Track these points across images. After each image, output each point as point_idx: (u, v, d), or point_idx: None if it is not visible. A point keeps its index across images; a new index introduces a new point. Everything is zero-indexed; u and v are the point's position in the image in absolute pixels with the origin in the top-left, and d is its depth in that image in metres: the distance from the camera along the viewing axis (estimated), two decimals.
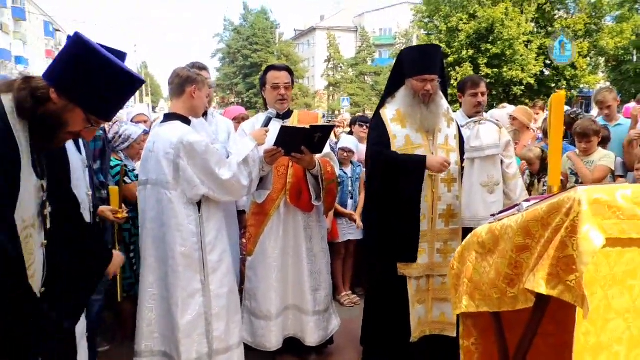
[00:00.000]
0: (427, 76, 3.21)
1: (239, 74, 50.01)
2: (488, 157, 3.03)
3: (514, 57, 20.76)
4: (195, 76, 3.04)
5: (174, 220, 2.92)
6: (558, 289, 1.56)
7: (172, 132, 2.92)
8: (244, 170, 3.05)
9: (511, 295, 1.91)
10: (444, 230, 3.28)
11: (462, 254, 2.21)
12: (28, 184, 1.66)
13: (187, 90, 3.01)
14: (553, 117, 2.51)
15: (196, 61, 3.85)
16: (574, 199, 1.56)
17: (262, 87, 3.66)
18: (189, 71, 3.08)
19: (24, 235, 1.65)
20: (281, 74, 3.55)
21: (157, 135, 3.02)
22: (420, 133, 3.27)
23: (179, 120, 3.01)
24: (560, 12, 22.39)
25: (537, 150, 4.49)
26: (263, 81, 3.62)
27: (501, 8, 20.48)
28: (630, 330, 1.68)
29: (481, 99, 3.85)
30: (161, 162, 2.92)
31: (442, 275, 3.30)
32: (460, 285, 2.18)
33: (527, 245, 1.80)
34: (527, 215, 1.80)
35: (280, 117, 3.60)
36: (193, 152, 2.87)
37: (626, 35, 19.87)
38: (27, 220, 1.66)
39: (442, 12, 22.39)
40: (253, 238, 3.58)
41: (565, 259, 1.54)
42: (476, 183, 3.05)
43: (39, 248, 1.74)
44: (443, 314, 3.34)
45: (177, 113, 3.05)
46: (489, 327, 2.17)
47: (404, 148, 3.25)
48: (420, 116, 3.24)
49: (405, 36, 36.61)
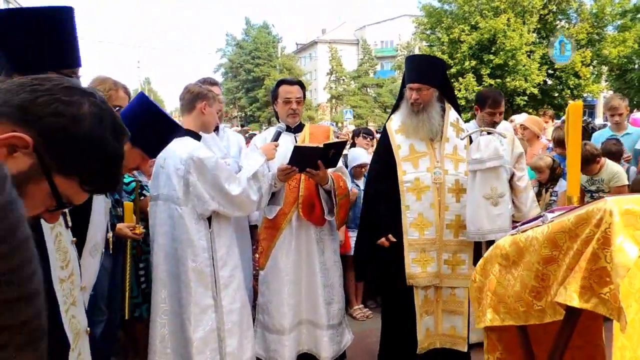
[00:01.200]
0: (412, 85, 3.28)
1: (241, 88, 50.27)
2: (490, 169, 2.99)
3: (516, 67, 20.79)
4: (205, 92, 3.05)
5: (185, 235, 2.91)
6: (592, 302, 1.53)
7: (183, 148, 2.93)
8: (254, 185, 3.05)
9: (538, 309, 1.87)
10: (452, 240, 3.25)
11: (484, 266, 2.18)
12: None
13: (198, 106, 3.02)
14: (570, 126, 2.49)
15: (208, 77, 3.87)
16: (605, 210, 1.53)
17: (273, 101, 3.66)
18: (200, 87, 3.09)
19: (54, 234, 1.62)
20: (293, 88, 3.55)
21: (168, 151, 3.01)
22: (424, 142, 3.30)
23: (190, 136, 3.02)
24: (562, 22, 22.46)
25: (549, 159, 4.47)
26: (274, 95, 3.61)
27: (503, 19, 20.56)
28: None
29: (498, 118, 3.84)
30: (172, 177, 2.93)
31: (451, 287, 3.28)
32: (484, 299, 2.15)
33: (554, 257, 1.77)
34: (553, 226, 1.77)
35: (292, 131, 3.60)
36: (203, 167, 2.88)
37: (629, 44, 19.86)
38: None
39: (443, 23, 22.49)
40: (265, 252, 3.56)
41: (598, 271, 1.51)
42: (479, 196, 3.01)
43: (71, 245, 1.72)
44: (454, 327, 3.31)
45: (187, 129, 3.06)
46: (514, 341, 2.13)
47: (409, 157, 3.31)
48: (412, 125, 3.31)
49: (407, 48, 36.77)
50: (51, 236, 1.60)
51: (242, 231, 3.75)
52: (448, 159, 3.28)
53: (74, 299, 1.70)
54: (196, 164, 2.87)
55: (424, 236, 3.22)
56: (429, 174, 3.24)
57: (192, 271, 2.92)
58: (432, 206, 3.22)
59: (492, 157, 3.00)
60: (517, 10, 21.23)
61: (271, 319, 3.52)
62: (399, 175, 3.26)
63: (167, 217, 2.98)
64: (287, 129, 3.57)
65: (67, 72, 1.67)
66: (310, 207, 3.46)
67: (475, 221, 3.05)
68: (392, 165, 3.31)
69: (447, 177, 3.24)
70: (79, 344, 1.71)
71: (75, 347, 1.69)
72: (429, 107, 3.28)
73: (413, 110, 3.29)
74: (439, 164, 3.26)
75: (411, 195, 3.23)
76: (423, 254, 3.23)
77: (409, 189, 3.24)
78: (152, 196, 3.11)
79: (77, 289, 1.73)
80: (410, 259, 3.21)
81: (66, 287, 1.66)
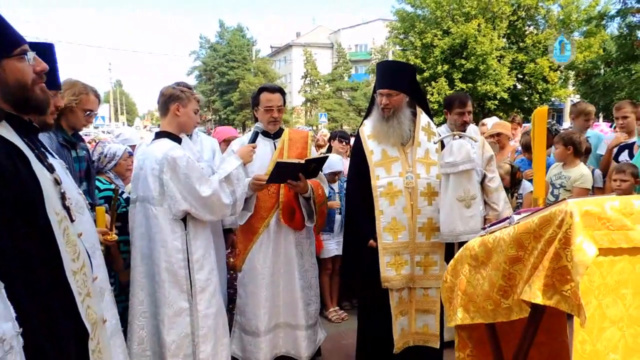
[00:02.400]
0: (382, 90, 3.35)
1: (215, 91, 49.96)
2: (462, 172, 3.08)
3: (487, 71, 21.24)
4: (178, 93, 3.07)
5: (159, 235, 2.94)
6: (554, 299, 1.61)
7: (159, 149, 2.97)
8: (226, 188, 3.07)
9: (505, 306, 1.94)
10: (424, 243, 3.32)
11: (455, 267, 2.25)
12: (44, 178, 1.64)
13: (171, 108, 3.06)
14: (536, 131, 2.59)
15: (181, 82, 3.86)
16: (566, 211, 1.61)
17: (254, 107, 3.69)
18: (173, 88, 3.11)
19: (62, 228, 1.64)
20: (274, 96, 3.58)
21: (146, 153, 3.04)
22: (396, 147, 3.36)
23: (168, 138, 3.05)
24: (531, 28, 23.03)
25: (507, 166, 4.63)
26: (255, 101, 3.64)
27: (474, 24, 20.98)
28: (625, 339, 1.73)
29: (467, 117, 4.03)
30: (148, 178, 2.96)
31: (424, 288, 3.35)
32: (454, 298, 2.22)
33: (519, 257, 1.85)
34: (519, 227, 1.85)
35: (271, 137, 3.65)
36: (175, 166, 2.91)
37: (594, 50, 20.53)
38: (59, 213, 1.65)
39: (416, 28, 22.81)
40: (241, 254, 3.60)
41: (560, 269, 1.59)
42: (452, 198, 3.10)
43: (78, 238, 1.74)
44: (426, 325, 3.38)
45: (165, 131, 3.09)
46: (484, 339, 2.20)
47: (381, 162, 3.35)
48: (382, 130, 3.36)
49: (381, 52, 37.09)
50: (60, 231, 1.63)
51: (217, 234, 3.77)
52: (420, 163, 3.34)
53: (89, 290, 1.75)
54: (169, 163, 2.90)
55: (397, 240, 3.28)
56: (401, 179, 3.30)
57: (165, 271, 2.94)
58: (404, 210, 3.28)
59: (465, 161, 3.08)
60: (488, 16, 21.70)
61: (247, 320, 3.57)
62: (372, 180, 3.31)
63: (143, 217, 3.00)
64: (266, 135, 3.61)
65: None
66: (290, 213, 3.51)
67: (449, 223, 3.12)
68: (366, 171, 3.36)
69: (419, 181, 3.30)
70: (97, 333, 1.76)
71: (94, 336, 1.74)
72: (399, 112, 3.34)
73: (383, 115, 3.34)
74: (410, 169, 3.32)
75: (384, 200, 3.28)
76: (397, 257, 3.28)
77: (382, 194, 3.29)
78: (132, 199, 3.13)
79: (90, 279, 1.77)
80: (385, 263, 3.27)
81: (79, 279, 1.69)
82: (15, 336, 1.38)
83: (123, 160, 3.62)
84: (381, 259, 3.27)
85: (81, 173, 3.21)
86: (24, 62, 1.65)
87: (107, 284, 2.24)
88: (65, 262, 1.63)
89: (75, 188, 2.08)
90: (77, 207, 2.04)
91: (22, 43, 1.67)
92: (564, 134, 4.43)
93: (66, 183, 1.98)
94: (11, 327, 1.38)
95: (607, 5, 20.34)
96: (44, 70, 1.74)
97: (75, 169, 3.07)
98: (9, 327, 1.37)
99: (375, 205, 3.29)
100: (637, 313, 1.78)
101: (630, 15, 18.24)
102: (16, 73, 1.63)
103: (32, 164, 1.61)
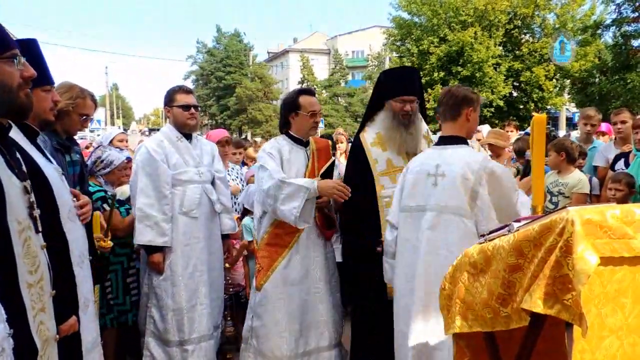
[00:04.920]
0: (406, 97, 3.25)
1: (212, 95, 49.88)
2: None
3: (483, 79, 21.38)
4: (472, 96, 2.82)
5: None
6: (555, 308, 1.59)
7: (469, 157, 2.70)
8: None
9: (504, 315, 1.92)
10: None
11: (453, 274, 2.22)
12: (10, 185, 1.59)
13: (464, 112, 2.78)
14: (535, 138, 2.57)
15: (182, 85, 3.84)
16: (567, 219, 1.59)
17: (290, 112, 3.40)
18: (466, 90, 2.87)
19: (23, 239, 1.59)
20: (315, 100, 3.41)
21: (444, 157, 2.74)
22: (401, 156, 3.30)
23: (463, 144, 2.80)
24: (527, 37, 23.19)
25: (513, 170, 4.62)
26: (294, 105, 3.38)
27: (470, 32, 21.13)
28: (624, 348, 1.71)
29: None
30: (454, 186, 2.64)
31: None
32: (453, 306, 2.19)
33: (519, 265, 1.83)
34: (518, 235, 1.83)
35: (303, 145, 3.47)
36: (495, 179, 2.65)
37: (589, 59, 20.70)
38: (22, 223, 1.60)
39: (413, 35, 22.96)
40: (265, 270, 3.32)
41: (561, 278, 1.57)
42: None
43: (41, 250, 1.68)
44: None
45: (458, 136, 2.80)
46: (482, 348, 2.17)
47: (386, 172, 3.28)
48: (400, 138, 3.27)
49: (378, 58, 37.25)
50: (19, 240, 1.58)
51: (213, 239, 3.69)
52: None
53: (44, 305, 1.67)
54: (489, 175, 2.68)
55: None
56: None
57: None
58: None
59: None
60: (484, 24, 21.85)
61: (268, 347, 3.31)
62: (377, 190, 3.24)
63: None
64: (299, 142, 3.43)
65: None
66: (323, 222, 3.38)
67: None
68: (368, 179, 3.28)
69: None
70: (47, 351, 1.67)
71: (44, 354, 1.65)
72: (415, 119, 3.29)
73: (403, 122, 3.24)
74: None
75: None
76: None
77: (387, 204, 3.19)
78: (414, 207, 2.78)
79: (47, 294, 1.69)
80: None
81: (35, 292, 1.62)
82: (7, 338, 1.35)
83: (118, 170, 3.59)
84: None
85: (75, 177, 3.18)
86: (13, 66, 1.63)
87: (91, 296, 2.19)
88: (21, 273, 1.57)
89: (70, 195, 2.05)
90: (69, 215, 2.01)
91: (12, 47, 1.64)
92: (555, 141, 4.44)
93: (59, 190, 1.95)
94: (2, 328, 1.34)
95: (602, 15, 20.55)
96: (32, 76, 1.71)
97: (69, 173, 3.05)
98: (1, 328, 1.34)
99: (381, 215, 3.22)
100: (636, 322, 1.77)
101: (626, 24, 18.40)
102: (3, 75, 1.61)
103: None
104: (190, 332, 3.48)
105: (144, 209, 3.36)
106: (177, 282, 3.46)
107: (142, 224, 3.35)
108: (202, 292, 3.53)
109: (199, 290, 3.52)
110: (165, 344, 3.46)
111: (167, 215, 3.41)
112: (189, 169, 3.54)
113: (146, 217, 3.35)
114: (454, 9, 21.76)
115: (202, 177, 3.58)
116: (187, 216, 3.49)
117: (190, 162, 3.56)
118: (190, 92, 3.67)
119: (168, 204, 3.42)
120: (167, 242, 3.40)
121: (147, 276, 3.54)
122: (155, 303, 3.48)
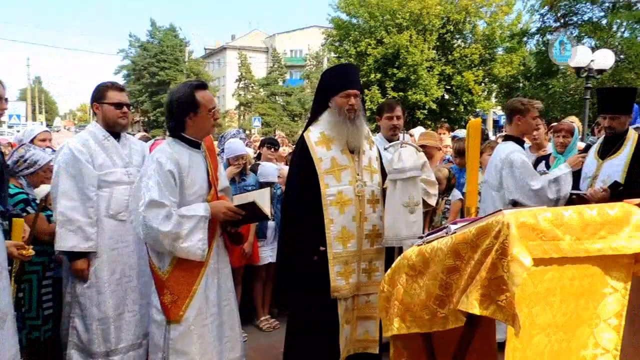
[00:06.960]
0: (351, 91, 3.28)
1: (144, 91, 48.11)
2: (409, 179, 3.17)
3: (417, 81, 21.99)
4: (520, 106, 3.78)
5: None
6: (490, 309, 1.63)
7: (504, 150, 3.75)
8: (553, 187, 3.63)
9: (442, 316, 1.96)
10: (370, 250, 3.32)
11: (392, 276, 2.25)
12: None
13: (514, 118, 3.83)
14: (471, 141, 2.66)
15: (114, 81, 3.63)
16: (503, 223, 1.64)
17: (187, 112, 2.94)
18: (514, 101, 3.96)
19: None
20: (211, 94, 3.11)
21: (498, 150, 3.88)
22: (345, 154, 3.32)
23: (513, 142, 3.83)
24: (459, 42, 24.11)
25: (445, 171, 4.77)
26: (192, 104, 2.94)
27: (406, 35, 21.66)
28: (551, 344, 1.79)
29: (396, 122, 4.14)
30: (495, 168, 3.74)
31: (366, 294, 3.34)
32: (391, 308, 2.21)
33: (456, 266, 1.87)
34: (456, 237, 1.87)
35: (199, 147, 3.14)
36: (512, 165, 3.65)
37: (515, 65, 21.89)
38: None
39: (351, 36, 23.24)
40: (182, 299, 2.91)
41: (496, 280, 1.61)
42: (398, 203, 3.16)
43: None
44: (367, 331, 3.36)
45: (512, 135, 3.88)
46: (419, 348, 2.21)
47: (330, 170, 3.27)
48: (347, 133, 3.28)
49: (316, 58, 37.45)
50: None
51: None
52: (366, 171, 3.32)
53: None
54: (507, 163, 3.75)
55: (347, 249, 3.22)
56: (351, 187, 3.24)
57: None
58: (354, 219, 3.23)
59: (412, 168, 3.17)
60: (419, 28, 22.47)
61: None
62: (322, 188, 3.21)
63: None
64: (195, 146, 3.07)
65: None
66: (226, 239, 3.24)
67: (394, 228, 3.16)
68: (313, 179, 3.24)
69: (365, 189, 3.28)
70: None
71: None
72: (360, 114, 3.33)
73: (349, 117, 3.26)
74: (359, 177, 3.28)
75: (335, 209, 3.21)
76: (346, 267, 3.23)
77: (332, 203, 3.19)
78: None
79: None
80: (336, 272, 3.19)
81: None
82: None
83: (42, 172, 3.35)
84: (331, 269, 3.18)
85: None
86: None
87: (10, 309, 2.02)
88: None
89: None
90: None
91: None
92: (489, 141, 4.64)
93: None
94: None
95: (527, 24, 21.76)
96: None
97: None
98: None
99: (325, 214, 3.19)
100: (563, 320, 1.85)
101: (548, 33, 19.59)
102: None
103: None
104: (117, 342, 3.29)
105: (67, 213, 3.15)
106: (103, 289, 3.26)
107: (64, 229, 3.14)
108: (131, 298, 3.35)
109: (127, 297, 3.34)
110: (89, 356, 3.26)
111: (92, 218, 3.21)
112: (117, 170, 3.36)
113: (69, 221, 3.15)
114: (391, 12, 22.22)
115: (131, 177, 3.39)
116: (114, 219, 3.30)
117: (118, 162, 3.37)
118: (122, 90, 3.47)
119: (93, 207, 3.22)
120: (92, 247, 3.20)
121: (70, 285, 3.31)
122: (79, 313, 3.26)
